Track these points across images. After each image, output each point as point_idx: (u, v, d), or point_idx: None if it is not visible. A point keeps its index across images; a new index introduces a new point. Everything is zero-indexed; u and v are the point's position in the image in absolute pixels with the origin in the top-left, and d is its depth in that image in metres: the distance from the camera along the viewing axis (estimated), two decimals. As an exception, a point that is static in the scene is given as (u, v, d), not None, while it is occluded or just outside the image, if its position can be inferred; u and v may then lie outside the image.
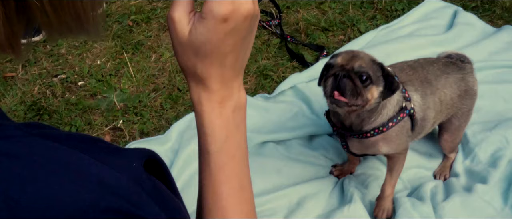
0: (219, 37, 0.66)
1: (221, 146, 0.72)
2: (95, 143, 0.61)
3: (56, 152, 0.54)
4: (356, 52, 1.63)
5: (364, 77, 1.55)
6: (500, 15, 2.94)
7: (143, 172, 0.60)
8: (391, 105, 1.69)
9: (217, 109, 0.72)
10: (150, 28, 3.00)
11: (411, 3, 3.06)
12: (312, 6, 3.09)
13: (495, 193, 1.93)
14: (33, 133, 0.57)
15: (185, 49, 0.68)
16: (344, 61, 1.58)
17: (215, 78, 0.70)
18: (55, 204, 0.51)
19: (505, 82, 2.44)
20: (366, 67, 1.56)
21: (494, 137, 2.07)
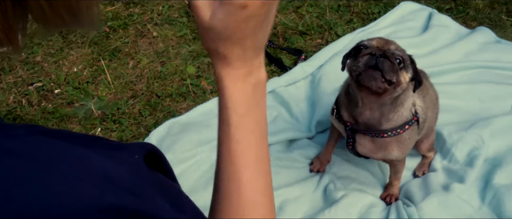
0: (238, 23, 0.68)
1: (241, 119, 0.75)
2: (96, 140, 0.63)
3: (59, 149, 0.55)
4: (390, 40, 1.67)
5: (399, 60, 1.57)
6: (474, 17, 3.00)
7: (144, 165, 0.62)
8: (407, 105, 1.71)
9: (239, 84, 0.74)
10: (127, 34, 2.98)
11: (387, 6, 3.09)
12: (289, 10, 3.10)
13: (472, 192, 1.96)
14: (36, 131, 0.58)
15: (207, 32, 0.71)
16: (379, 44, 1.61)
17: (236, 56, 0.73)
18: (60, 201, 0.51)
19: (480, 82, 2.48)
20: (402, 53, 1.61)
21: (470, 137, 2.10)
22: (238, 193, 0.74)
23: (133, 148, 0.63)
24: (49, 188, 0.52)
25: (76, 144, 0.57)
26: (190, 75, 2.65)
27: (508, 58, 2.62)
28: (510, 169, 2.00)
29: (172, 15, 3.12)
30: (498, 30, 2.85)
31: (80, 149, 0.57)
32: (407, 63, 1.61)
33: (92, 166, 0.56)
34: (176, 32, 2.96)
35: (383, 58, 1.54)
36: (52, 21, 0.61)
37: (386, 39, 1.66)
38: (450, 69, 2.57)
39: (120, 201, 0.55)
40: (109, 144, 0.62)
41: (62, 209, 0.51)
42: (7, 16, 0.57)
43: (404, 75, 1.59)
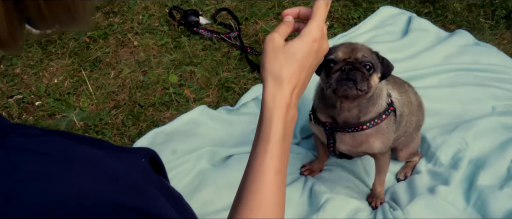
0: (307, 51, 0.92)
1: (279, 140, 0.90)
2: (103, 142, 0.67)
3: (73, 148, 0.59)
4: (354, 44, 1.70)
5: (368, 67, 1.63)
6: (452, 20, 3.04)
7: (150, 168, 0.67)
8: (384, 95, 1.77)
9: (284, 110, 0.90)
10: (107, 44, 2.95)
11: (367, 11, 3.12)
12: (270, 17, 3.11)
13: (457, 194, 1.98)
14: (51, 132, 0.61)
15: (278, 53, 0.91)
16: (345, 55, 1.65)
17: (290, 84, 0.91)
18: (75, 197, 0.55)
19: (461, 84, 2.51)
20: (369, 57, 1.65)
21: (454, 140, 2.13)
22: (259, 206, 0.85)
23: (139, 152, 0.67)
24: (64, 184, 0.55)
25: (88, 145, 0.61)
26: (172, 84, 2.64)
27: (487, 60, 2.66)
28: (493, 170, 2.02)
29: (153, 24, 3.10)
30: (476, 32, 2.89)
31: (92, 149, 0.60)
32: (376, 64, 1.66)
33: (104, 165, 0.59)
34: (157, 41, 2.95)
35: (354, 70, 1.62)
36: (49, 20, 0.64)
37: (352, 45, 1.69)
38: (430, 72, 2.59)
39: (131, 201, 0.58)
40: (116, 147, 0.66)
41: (76, 204, 0.54)
42: (10, 17, 0.60)
43: (375, 77, 1.66)
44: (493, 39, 2.87)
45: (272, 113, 0.90)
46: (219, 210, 1.97)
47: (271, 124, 0.90)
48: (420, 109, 2.04)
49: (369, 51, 1.68)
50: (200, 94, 2.59)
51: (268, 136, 0.90)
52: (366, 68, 1.62)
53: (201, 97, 2.57)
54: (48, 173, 0.55)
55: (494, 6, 3.11)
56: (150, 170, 0.66)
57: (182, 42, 2.91)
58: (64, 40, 2.96)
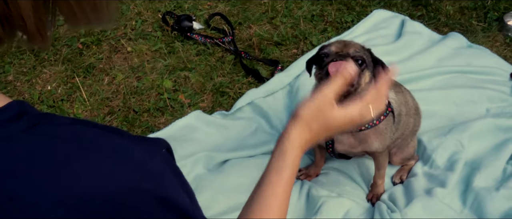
0: (345, 123, 1.07)
1: (290, 174, 1.03)
2: (124, 132, 0.69)
3: (100, 137, 0.62)
4: (347, 41, 1.70)
5: (360, 62, 1.62)
6: (445, 23, 3.05)
7: (170, 158, 0.69)
8: None
9: (299, 151, 1.04)
10: (100, 50, 2.94)
11: (360, 14, 3.13)
12: (264, 21, 3.11)
13: (454, 196, 1.99)
14: (79, 121, 0.64)
15: (322, 114, 1.04)
16: (338, 49, 1.65)
17: (315, 138, 1.06)
18: (102, 183, 0.58)
19: (455, 87, 2.52)
20: (361, 53, 1.64)
21: (449, 142, 2.13)
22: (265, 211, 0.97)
23: (159, 143, 0.69)
24: (94, 170, 0.58)
25: (113, 133, 0.64)
26: (167, 89, 2.63)
27: (480, 62, 2.67)
28: (489, 172, 2.03)
29: (146, 30, 3.09)
30: (469, 35, 2.90)
31: (117, 138, 0.63)
32: (368, 61, 1.66)
33: (130, 154, 0.62)
34: (151, 47, 2.94)
35: None
36: (79, 19, 0.67)
37: (345, 41, 1.70)
38: (424, 75, 2.60)
39: (156, 189, 0.61)
40: (138, 137, 0.67)
41: (105, 190, 0.57)
42: (39, 12, 0.62)
43: (366, 75, 1.65)
44: (486, 41, 2.88)
45: (292, 149, 1.03)
46: (216, 214, 1.96)
47: (287, 159, 1.04)
48: (417, 113, 2.04)
49: (362, 48, 1.69)
50: (195, 99, 2.58)
51: (284, 167, 1.04)
52: (358, 62, 1.62)
53: (196, 102, 2.56)
54: (79, 160, 0.58)
55: (486, 8, 3.13)
56: (171, 160, 0.69)
57: (176, 48, 2.90)
58: (57, 46, 2.94)
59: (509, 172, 2.04)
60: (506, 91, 2.49)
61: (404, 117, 1.91)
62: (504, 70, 2.63)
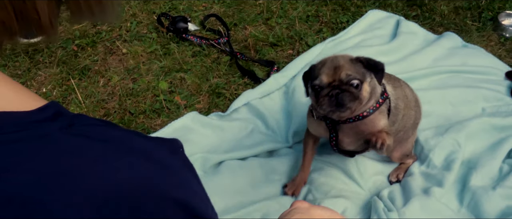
0: None
1: None
2: (142, 134, 0.70)
3: (128, 138, 0.64)
4: (336, 61, 1.68)
5: (355, 84, 1.63)
6: (440, 23, 3.06)
7: (187, 158, 0.70)
8: (378, 86, 1.77)
9: None
10: (96, 52, 2.93)
11: (355, 15, 3.13)
12: (259, 22, 3.11)
13: (451, 195, 1.99)
14: (107, 123, 0.66)
15: None
16: (330, 77, 1.64)
17: None
18: (134, 184, 0.59)
19: (451, 86, 2.53)
20: (353, 74, 1.63)
21: (446, 141, 2.14)
22: None
23: (177, 143, 0.70)
24: (121, 170, 0.59)
25: (135, 135, 0.65)
26: (162, 90, 2.62)
27: (476, 62, 2.68)
28: (485, 171, 2.04)
29: (141, 31, 3.08)
30: (464, 35, 2.91)
31: (141, 139, 0.65)
32: (361, 74, 1.65)
33: (154, 155, 0.64)
34: (146, 48, 2.93)
35: (341, 93, 1.62)
36: (83, 10, 0.68)
37: (333, 63, 1.67)
38: (420, 75, 2.61)
39: (177, 190, 0.63)
40: (158, 137, 0.68)
41: (134, 191, 0.59)
42: (52, 4, 0.64)
43: (365, 87, 1.66)
44: (481, 41, 2.89)
45: None
46: (213, 216, 1.95)
47: None
48: (417, 105, 2.04)
49: (352, 64, 1.66)
50: (191, 100, 2.58)
51: None
52: (353, 86, 1.62)
53: (192, 104, 2.56)
54: (109, 159, 0.59)
55: (480, 8, 3.14)
56: (189, 160, 0.70)
57: (172, 49, 2.89)
58: (51, 48, 2.93)
59: (506, 171, 2.05)
60: (502, 90, 2.50)
61: (402, 110, 1.91)
62: (499, 69, 2.64)
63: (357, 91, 1.64)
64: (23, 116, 0.59)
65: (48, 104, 0.62)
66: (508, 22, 3.02)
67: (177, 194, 0.63)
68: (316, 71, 1.68)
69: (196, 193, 0.67)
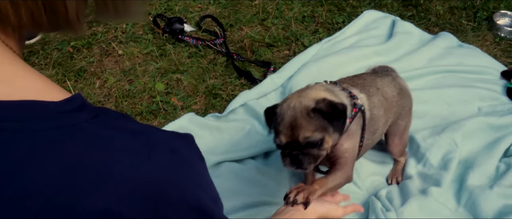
0: None
1: None
2: (158, 128, 0.71)
3: (149, 131, 0.65)
4: (293, 120, 1.55)
5: (315, 143, 1.54)
6: (435, 23, 3.07)
7: (200, 150, 0.72)
8: (345, 103, 1.67)
9: None
10: (91, 54, 2.92)
11: (351, 15, 3.14)
12: (255, 23, 3.11)
13: (449, 195, 2.00)
14: (128, 116, 0.68)
15: None
16: (287, 138, 1.56)
17: None
18: (158, 177, 0.61)
19: (446, 86, 2.54)
20: (311, 134, 1.53)
21: (443, 141, 2.15)
22: None
23: (192, 137, 0.72)
24: (145, 161, 0.61)
25: (158, 130, 0.67)
26: (159, 92, 2.62)
27: (471, 62, 2.69)
28: (482, 170, 2.05)
29: (137, 33, 3.08)
30: (459, 34, 2.92)
31: (161, 132, 0.66)
32: (321, 125, 1.54)
33: (176, 150, 0.65)
34: (142, 49, 2.93)
35: (301, 154, 1.55)
36: (109, 9, 0.70)
37: (291, 122, 1.55)
38: (416, 74, 2.62)
39: (194, 183, 0.65)
40: (173, 132, 0.69)
41: (159, 184, 0.60)
42: (79, 2, 0.66)
43: (327, 141, 1.57)
44: (476, 41, 2.91)
45: None
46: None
47: None
48: (401, 96, 1.95)
49: (310, 120, 1.54)
50: (188, 101, 2.57)
51: None
52: (313, 145, 1.54)
53: (188, 105, 2.55)
54: (134, 151, 0.61)
55: (475, 8, 3.15)
56: (202, 155, 0.71)
57: (168, 50, 2.89)
58: (47, 50, 2.92)
59: (502, 170, 2.06)
60: (497, 89, 2.51)
61: (382, 117, 1.85)
62: (494, 69, 2.65)
63: (318, 150, 1.56)
64: (52, 106, 0.61)
65: (74, 96, 0.64)
66: (503, 22, 3.03)
67: (195, 195, 0.64)
68: (275, 125, 1.60)
69: (211, 190, 0.69)
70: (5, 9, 0.62)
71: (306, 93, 1.65)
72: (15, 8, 0.62)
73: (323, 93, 1.63)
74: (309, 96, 1.61)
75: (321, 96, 1.60)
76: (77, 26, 0.68)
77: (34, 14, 0.63)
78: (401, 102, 1.96)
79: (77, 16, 0.67)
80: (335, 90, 1.71)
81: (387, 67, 2.09)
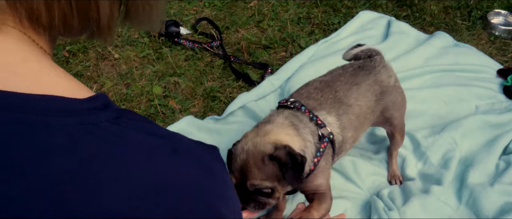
0: None
1: None
2: None
3: (177, 139, 0.65)
4: (244, 163, 1.47)
5: (264, 190, 1.48)
6: (430, 22, 3.09)
7: (224, 162, 0.71)
8: (310, 142, 1.57)
9: None
10: (87, 58, 2.91)
11: (346, 16, 3.15)
12: (251, 25, 3.11)
13: (450, 193, 2.00)
14: (150, 121, 0.68)
15: None
16: (237, 179, 1.49)
17: None
18: (178, 183, 0.60)
19: (443, 85, 2.55)
20: (260, 183, 1.46)
21: (443, 140, 2.16)
22: None
23: (214, 147, 0.71)
24: (169, 166, 0.60)
25: (182, 137, 0.66)
26: (157, 95, 2.61)
27: (467, 60, 2.71)
28: (482, 168, 2.06)
29: (133, 36, 3.07)
30: (454, 34, 2.94)
31: (184, 138, 0.65)
32: (275, 174, 1.46)
33: (202, 159, 0.64)
34: (138, 53, 2.92)
35: (250, 200, 1.50)
36: (143, 18, 0.71)
37: (242, 164, 1.48)
38: (413, 74, 2.63)
39: (217, 194, 0.64)
40: (199, 142, 0.69)
41: (179, 191, 0.59)
42: (113, 6, 0.67)
43: (278, 192, 1.50)
44: (471, 40, 2.93)
45: None
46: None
47: None
48: (384, 95, 1.83)
49: (263, 166, 1.45)
50: (186, 104, 2.56)
51: None
52: (263, 193, 1.47)
53: (187, 108, 2.55)
54: (156, 154, 0.60)
55: (469, 7, 3.17)
56: (226, 167, 0.71)
57: (164, 53, 2.88)
58: (42, 55, 2.90)
59: (502, 167, 2.07)
60: (494, 88, 2.53)
61: (351, 137, 1.74)
62: (490, 67, 2.67)
63: (266, 198, 1.49)
64: (75, 102, 0.61)
65: (98, 94, 0.64)
66: (497, 21, 3.05)
67: (216, 206, 0.63)
68: (230, 162, 1.54)
69: (234, 204, 0.67)
70: (38, 9, 0.62)
71: (266, 131, 1.54)
72: (48, 8, 0.62)
73: (285, 136, 1.52)
74: (269, 137, 1.51)
75: (282, 141, 1.49)
76: (107, 32, 0.69)
77: (66, 16, 0.64)
78: (384, 102, 1.84)
79: (108, 22, 0.67)
80: (301, 125, 1.58)
81: (371, 51, 1.91)
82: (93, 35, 0.70)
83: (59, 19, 0.64)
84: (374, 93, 1.79)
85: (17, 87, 0.59)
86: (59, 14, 0.63)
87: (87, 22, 0.66)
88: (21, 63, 0.62)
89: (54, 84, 0.63)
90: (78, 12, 0.64)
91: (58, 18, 0.64)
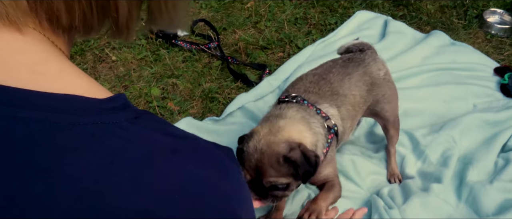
0: None
1: None
2: None
3: (197, 141, 0.64)
4: (259, 159, 1.48)
5: (280, 187, 1.50)
6: (427, 21, 3.10)
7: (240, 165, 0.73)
8: (321, 135, 1.62)
9: None
10: (85, 61, 2.91)
11: (343, 16, 3.16)
12: (248, 26, 3.11)
13: (450, 191, 2.01)
14: (169, 123, 0.67)
15: None
16: (252, 175, 1.50)
17: None
18: (199, 186, 0.59)
19: (441, 84, 2.56)
20: (276, 179, 1.48)
21: (442, 138, 2.17)
22: None
23: (231, 150, 0.69)
24: (189, 170, 0.59)
25: (201, 139, 0.65)
26: (155, 97, 2.61)
27: (464, 59, 2.72)
28: (481, 166, 2.07)
29: (130, 38, 3.06)
30: (451, 33, 2.96)
31: (202, 140, 0.64)
32: (289, 173, 1.49)
33: (226, 166, 0.64)
34: (136, 55, 2.91)
35: (266, 195, 1.52)
36: (163, 17, 0.70)
37: (256, 161, 1.49)
38: (411, 73, 2.64)
39: (235, 201, 0.63)
40: (216, 144, 0.68)
41: (199, 193, 0.59)
42: (132, 6, 0.66)
43: (293, 184, 1.53)
44: (468, 38, 2.94)
45: None
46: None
47: None
48: (374, 86, 1.87)
49: (279, 166, 1.47)
50: (184, 106, 2.57)
51: None
52: (277, 189, 1.50)
53: (185, 109, 2.55)
54: (175, 155, 0.59)
55: (465, 6, 3.19)
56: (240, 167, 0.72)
57: (162, 55, 2.88)
58: (40, 58, 2.90)
59: (501, 165, 2.08)
60: (491, 86, 2.54)
61: (349, 127, 1.81)
62: (487, 66, 2.68)
63: (282, 192, 1.52)
64: (94, 102, 0.61)
65: (117, 95, 0.64)
66: (493, 19, 3.07)
67: (231, 208, 0.62)
68: (241, 161, 1.54)
69: (248, 208, 0.67)
70: (58, 10, 0.62)
71: (278, 128, 1.54)
72: (68, 9, 0.62)
73: (297, 133, 1.54)
74: (282, 135, 1.51)
75: (295, 138, 1.51)
76: (125, 32, 0.69)
77: (86, 16, 0.64)
78: (375, 94, 1.87)
79: (126, 22, 0.67)
80: (310, 118, 1.62)
81: (363, 45, 1.95)
82: (113, 34, 0.70)
83: (79, 20, 0.64)
84: (365, 84, 1.85)
85: (40, 86, 0.59)
86: (79, 15, 0.63)
87: (106, 22, 0.67)
88: (43, 63, 0.62)
89: (75, 84, 0.63)
90: (97, 12, 0.64)
91: (78, 19, 0.64)
